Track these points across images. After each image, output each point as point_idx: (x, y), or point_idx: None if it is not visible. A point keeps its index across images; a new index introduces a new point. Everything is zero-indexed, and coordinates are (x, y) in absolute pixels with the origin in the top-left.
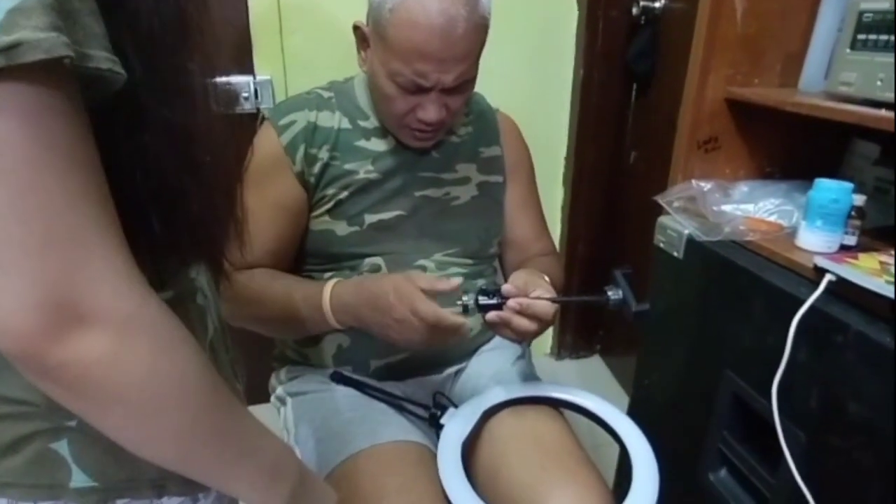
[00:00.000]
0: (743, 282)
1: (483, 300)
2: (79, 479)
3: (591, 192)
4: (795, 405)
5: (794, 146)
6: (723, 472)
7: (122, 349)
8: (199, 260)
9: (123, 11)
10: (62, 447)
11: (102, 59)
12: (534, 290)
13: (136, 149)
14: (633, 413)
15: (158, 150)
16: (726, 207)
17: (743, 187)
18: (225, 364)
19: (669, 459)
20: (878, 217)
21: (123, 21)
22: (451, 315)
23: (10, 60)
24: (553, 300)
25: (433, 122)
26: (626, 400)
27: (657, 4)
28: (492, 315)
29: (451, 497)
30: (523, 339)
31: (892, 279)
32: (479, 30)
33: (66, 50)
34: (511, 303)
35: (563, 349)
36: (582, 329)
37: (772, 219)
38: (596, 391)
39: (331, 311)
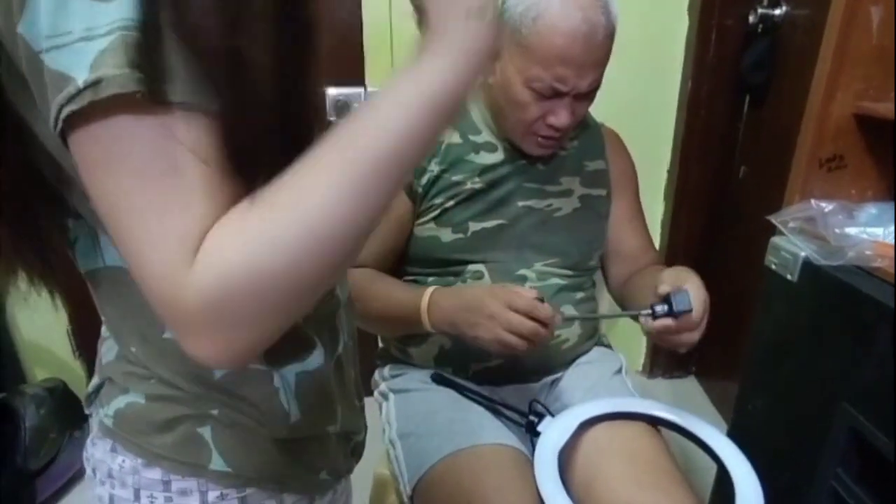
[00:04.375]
0: (867, 310)
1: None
2: (217, 463)
3: (694, 207)
4: None
5: None
6: None
7: (219, 317)
8: None
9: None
10: (206, 432)
11: (180, 92)
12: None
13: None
14: (733, 438)
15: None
16: (850, 230)
17: (871, 209)
18: (349, 380)
19: (773, 491)
20: None
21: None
22: (544, 307)
23: (96, 96)
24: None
25: (563, 127)
26: (722, 424)
27: (777, 12)
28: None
29: (548, 502)
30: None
31: None
32: (612, 36)
33: (138, 85)
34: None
35: (656, 368)
36: None
37: None
38: (690, 413)
39: (427, 314)
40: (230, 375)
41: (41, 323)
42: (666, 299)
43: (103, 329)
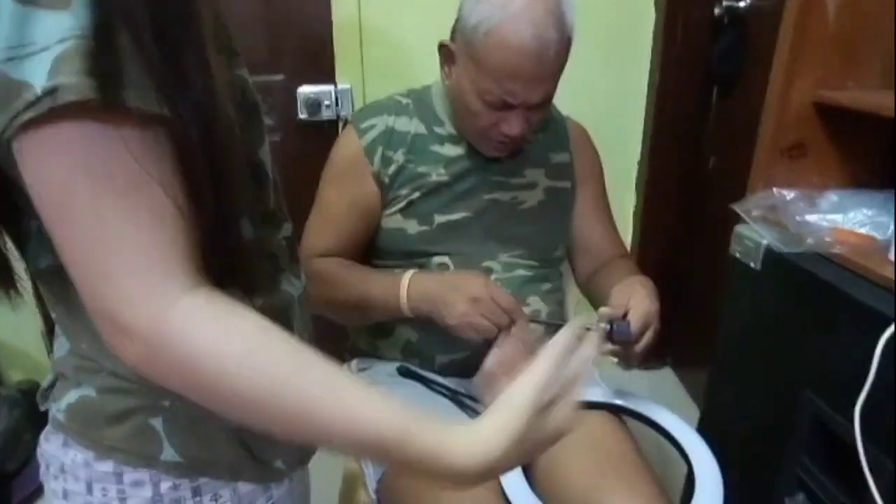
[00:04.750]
0: (827, 297)
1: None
2: (168, 454)
3: (665, 198)
4: (883, 431)
5: (894, 153)
6: (800, 498)
7: (153, 358)
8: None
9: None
10: (158, 423)
11: (134, 97)
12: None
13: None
14: (704, 429)
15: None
16: (811, 218)
17: (832, 196)
18: None
19: (741, 479)
20: None
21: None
22: (523, 311)
23: (54, 102)
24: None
25: (516, 136)
26: (697, 414)
27: (742, 4)
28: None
29: (509, 493)
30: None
31: None
32: (566, 49)
33: (94, 92)
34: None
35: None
36: None
37: (863, 231)
38: (666, 404)
39: (406, 290)
40: None
41: (14, 325)
42: (610, 322)
43: (56, 326)
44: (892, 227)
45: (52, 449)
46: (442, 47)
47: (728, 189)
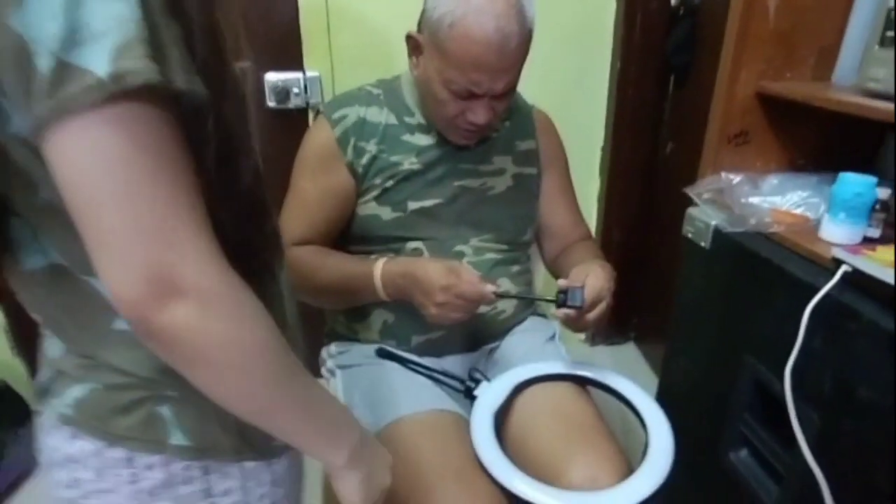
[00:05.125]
0: (766, 272)
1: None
2: (177, 438)
3: (627, 183)
4: (810, 389)
5: (828, 139)
6: (743, 453)
7: (206, 318)
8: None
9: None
10: (165, 411)
11: (182, 81)
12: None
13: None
14: (662, 396)
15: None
16: (754, 200)
17: (773, 180)
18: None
19: (695, 440)
20: None
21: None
22: (489, 286)
23: (119, 87)
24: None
25: (482, 125)
26: (657, 385)
27: None
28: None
29: (483, 460)
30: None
31: None
32: (528, 41)
33: (158, 75)
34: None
35: (597, 335)
36: (616, 316)
37: (798, 211)
38: (629, 376)
39: (382, 288)
40: None
41: None
42: (565, 292)
43: (42, 327)
44: (822, 207)
45: (56, 442)
46: (409, 38)
47: (685, 173)
